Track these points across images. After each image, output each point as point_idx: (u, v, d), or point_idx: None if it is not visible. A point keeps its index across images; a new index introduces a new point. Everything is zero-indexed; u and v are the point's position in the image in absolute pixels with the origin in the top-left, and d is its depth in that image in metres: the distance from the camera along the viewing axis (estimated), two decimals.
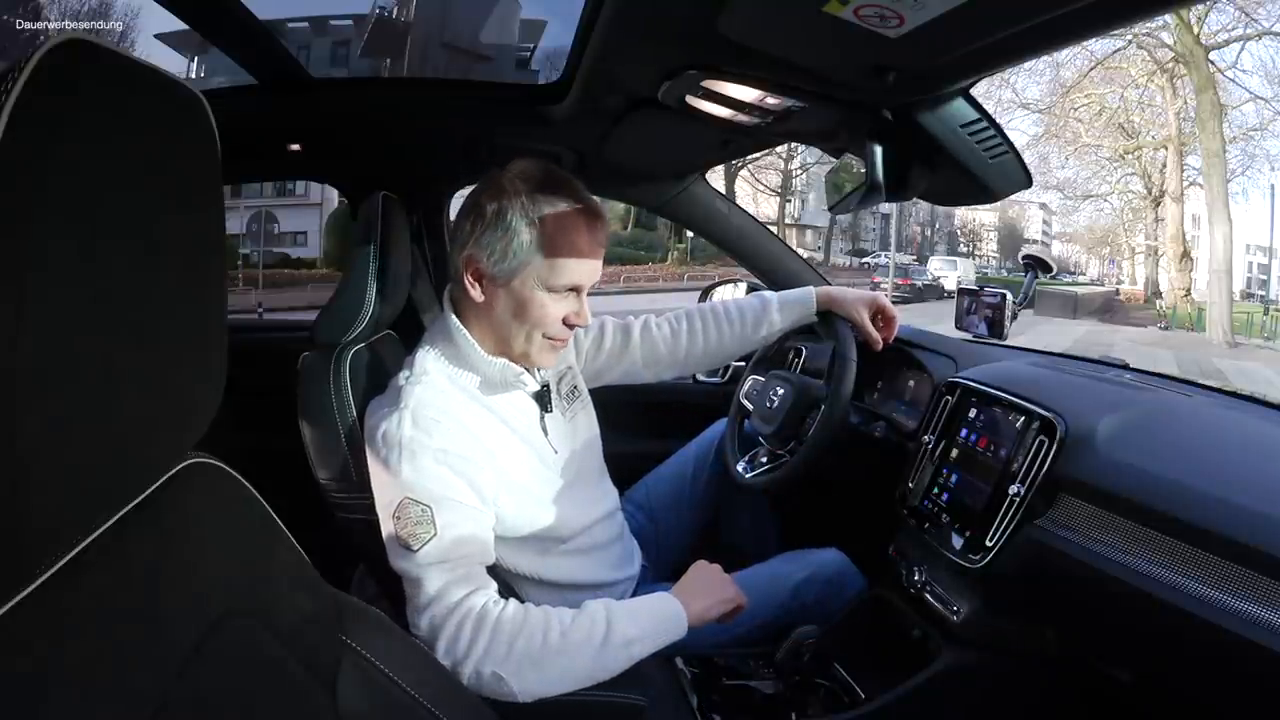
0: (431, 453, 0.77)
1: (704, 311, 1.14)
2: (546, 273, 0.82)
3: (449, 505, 0.76)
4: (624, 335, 1.10)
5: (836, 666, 0.98)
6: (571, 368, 1.04)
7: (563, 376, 1.01)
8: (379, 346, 1.00)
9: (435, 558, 0.75)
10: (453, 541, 0.76)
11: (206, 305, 0.40)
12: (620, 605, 0.80)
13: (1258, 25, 13.49)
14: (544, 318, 0.84)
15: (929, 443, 1.02)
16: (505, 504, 0.84)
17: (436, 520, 0.75)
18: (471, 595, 0.75)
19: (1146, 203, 20.18)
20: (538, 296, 0.83)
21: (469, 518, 0.78)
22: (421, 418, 0.79)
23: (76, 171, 0.30)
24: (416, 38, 6.91)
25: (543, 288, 0.83)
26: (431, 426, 0.78)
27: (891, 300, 1.21)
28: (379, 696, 0.53)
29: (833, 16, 0.59)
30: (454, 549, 0.76)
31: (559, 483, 0.92)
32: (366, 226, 0.97)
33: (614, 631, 0.76)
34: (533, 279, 0.82)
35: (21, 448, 0.28)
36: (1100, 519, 0.76)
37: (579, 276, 0.84)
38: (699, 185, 1.54)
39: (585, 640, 0.75)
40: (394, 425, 0.78)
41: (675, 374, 1.15)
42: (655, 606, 0.81)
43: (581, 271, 0.84)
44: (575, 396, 1.02)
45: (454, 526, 0.76)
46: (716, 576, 0.88)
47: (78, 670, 0.32)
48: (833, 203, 1.01)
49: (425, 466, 0.77)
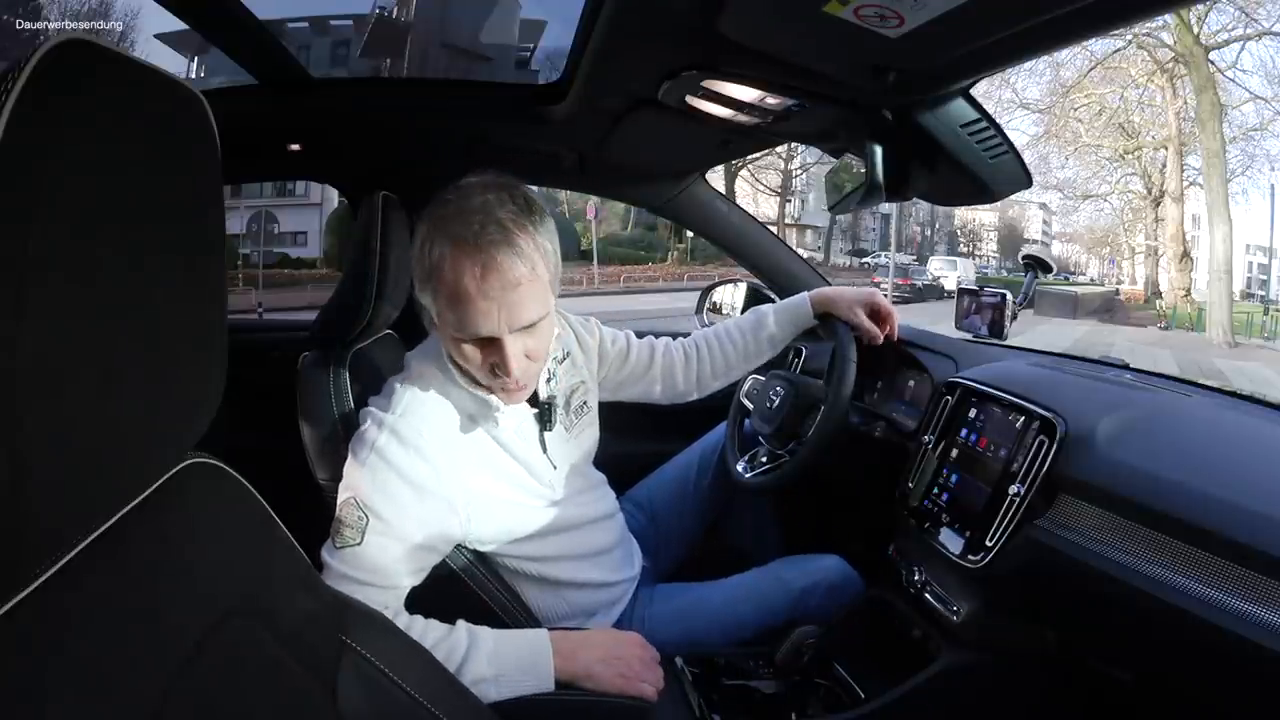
0: (396, 470, 0.75)
1: (708, 336, 1.15)
2: (449, 319, 0.74)
3: (386, 527, 0.74)
4: (649, 353, 1.11)
5: (836, 666, 0.98)
6: (585, 383, 1.01)
7: (574, 391, 0.98)
8: (379, 346, 1.00)
9: (347, 563, 0.73)
10: (370, 559, 0.74)
11: (206, 305, 0.40)
12: (488, 638, 0.76)
13: (1258, 25, 13.51)
14: (462, 358, 0.77)
15: (929, 443, 1.02)
16: (482, 523, 0.83)
17: (367, 533, 0.73)
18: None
19: (1146, 203, 20.20)
20: (457, 343, 0.76)
21: (400, 546, 0.75)
22: (402, 430, 0.77)
23: (76, 171, 0.30)
24: (416, 38, 6.91)
25: (447, 331, 0.76)
26: (409, 441, 0.76)
27: (892, 300, 1.21)
28: (379, 697, 0.53)
29: (833, 16, 0.59)
30: (366, 565, 0.74)
31: (556, 495, 0.91)
32: (366, 227, 0.97)
33: (467, 667, 0.73)
34: (439, 317, 0.76)
35: (22, 448, 0.28)
36: (1100, 519, 0.76)
37: (474, 326, 0.72)
38: (699, 185, 1.54)
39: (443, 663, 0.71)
40: (374, 430, 0.77)
41: (687, 396, 1.15)
42: (522, 651, 0.77)
43: (475, 321, 0.72)
44: (584, 412, 0.99)
45: (379, 548, 0.74)
46: (629, 640, 0.82)
47: (78, 670, 0.32)
48: (833, 203, 1.02)
49: (383, 482, 0.75)
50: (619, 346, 1.08)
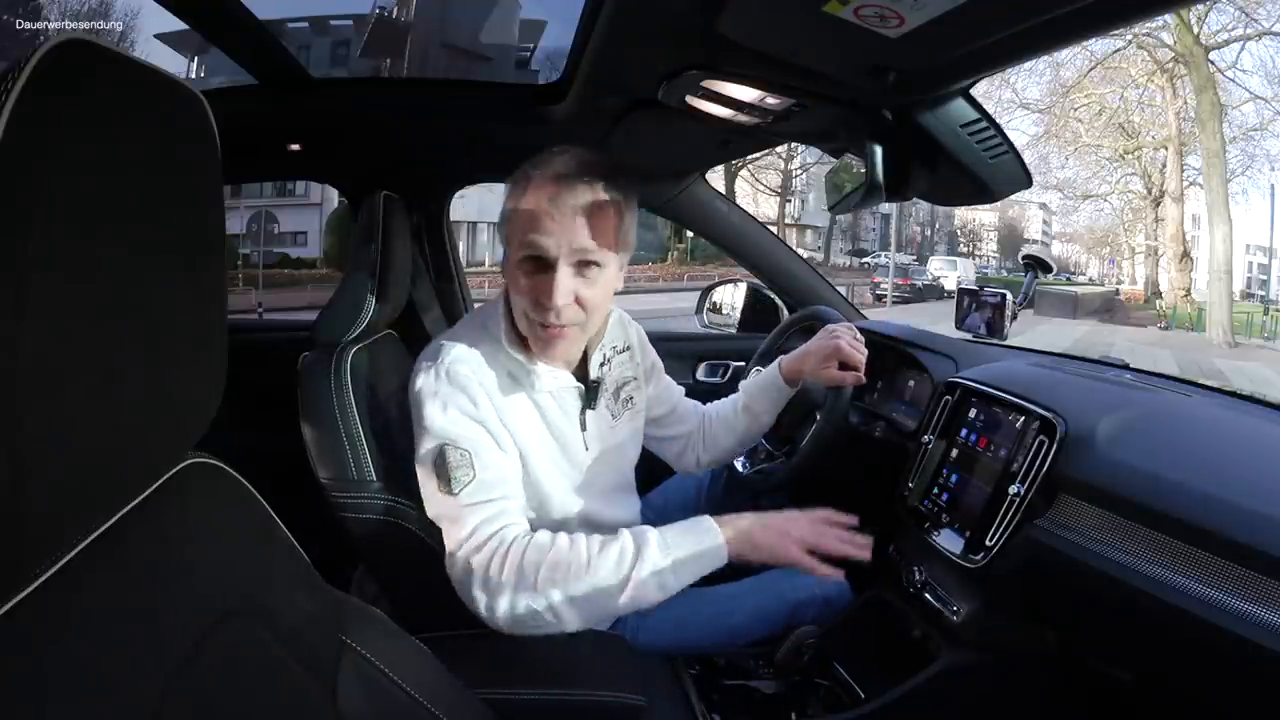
0: (460, 406, 0.81)
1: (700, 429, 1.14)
2: (509, 240, 0.82)
3: (485, 450, 0.80)
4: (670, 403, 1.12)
5: (836, 666, 0.98)
6: (637, 380, 1.03)
7: (625, 384, 1.00)
8: (379, 346, 1.00)
9: (474, 498, 0.78)
10: (491, 482, 0.79)
11: (206, 305, 0.40)
12: (655, 535, 0.79)
13: (1258, 25, 13.52)
14: (518, 294, 0.82)
15: (929, 443, 1.02)
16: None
17: (475, 464, 0.78)
18: (503, 530, 0.78)
19: (1146, 203, 20.21)
20: (511, 269, 0.82)
21: (503, 462, 0.81)
22: (455, 373, 0.82)
23: (77, 171, 0.30)
24: (416, 38, 6.92)
25: (514, 260, 0.82)
26: (464, 382, 0.82)
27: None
28: (379, 697, 0.53)
29: (833, 16, 0.59)
30: (491, 489, 0.79)
31: (583, 479, 0.92)
32: (367, 226, 0.97)
33: (642, 562, 0.76)
34: (509, 249, 0.83)
35: (22, 448, 0.28)
36: (1100, 519, 0.76)
37: (536, 240, 0.78)
38: (699, 185, 1.54)
39: (614, 569, 0.75)
40: (430, 379, 0.82)
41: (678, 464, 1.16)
42: (688, 532, 0.79)
43: (537, 235, 0.78)
44: (629, 406, 1.01)
45: (491, 469, 0.79)
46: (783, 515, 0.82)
47: (78, 670, 0.32)
48: (833, 203, 1.01)
49: (458, 418, 0.80)
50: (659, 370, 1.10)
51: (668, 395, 1.12)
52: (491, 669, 0.76)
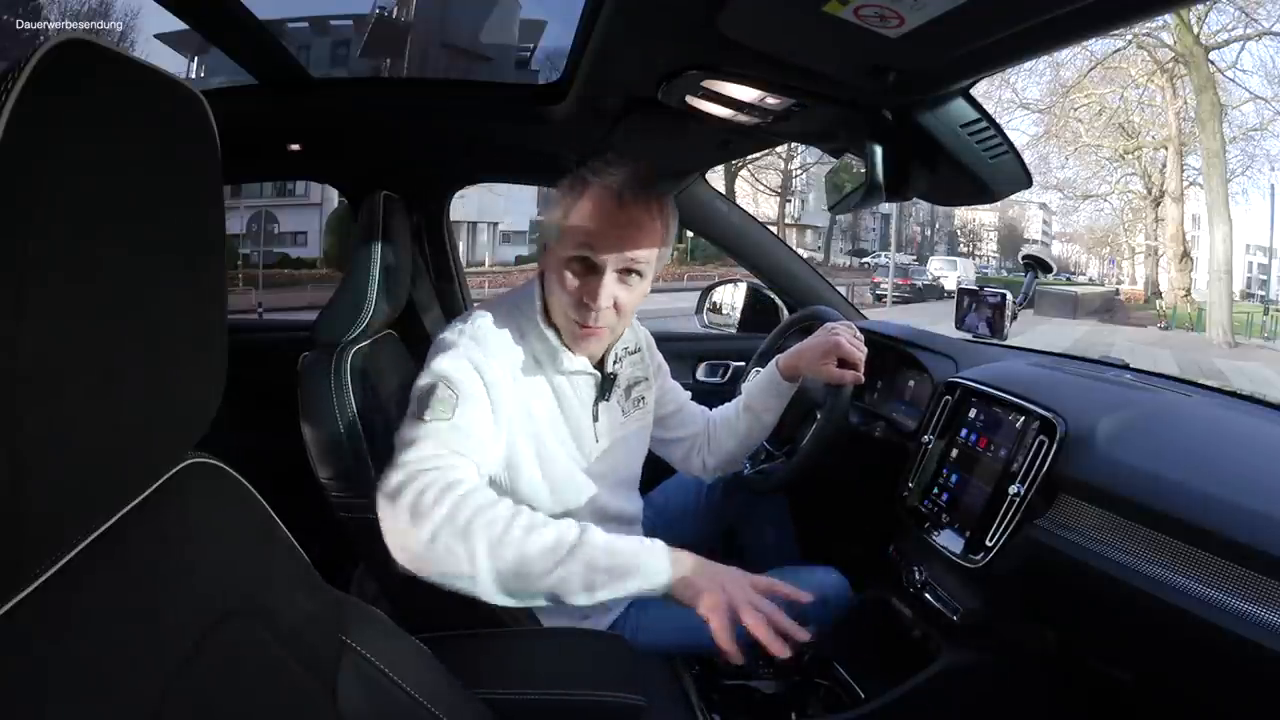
0: (473, 357, 0.82)
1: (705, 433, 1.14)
2: (561, 237, 0.85)
3: (474, 405, 0.79)
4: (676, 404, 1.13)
5: (836, 666, 0.98)
6: (648, 380, 1.05)
7: (637, 382, 1.02)
8: (379, 346, 1.00)
9: (440, 433, 0.76)
10: (464, 431, 0.77)
11: (206, 305, 0.40)
12: (601, 535, 0.71)
13: (1258, 25, 13.51)
14: (561, 290, 0.85)
15: (929, 443, 1.02)
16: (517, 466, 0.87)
17: (458, 410, 0.78)
18: (454, 468, 0.73)
19: (1146, 203, 20.19)
20: (564, 265, 0.84)
21: (486, 427, 0.80)
22: (480, 336, 0.84)
23: (76, 171, 0.30)
24: (416, 38, 6.91)
25: (561, 257, 0.84)
26: (486, 344, 0.84)
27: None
28: (379, 697, 0.53)
29: (833, 16, 0.59)
30: (460, 438, 0.76)
31: (591, 467, 0.93)
32: (367, 226, 0.97)
33: (579, 553, 0.68)
34: (557, 245, 0.85)
35: (22, 448, 0.28)
36: (1100, 519, 0.76)
37: (594, 245, 0.83)
38: (699, 185, 1.54)
39: (549, 548, 0.67)
40: (454, 333, 0.85)
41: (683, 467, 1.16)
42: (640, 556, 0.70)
43: (588, 240, 0.83)
44: (639, 405, 1.03)
45: (470, 424, 0.78)
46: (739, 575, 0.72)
47: (78, 670, 0.32)
48: (833, 203, 1.01)
49: (464, 366, 0.81)
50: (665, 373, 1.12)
51: (673, 396, 1.13)
52: (491, 669, 0.76)
